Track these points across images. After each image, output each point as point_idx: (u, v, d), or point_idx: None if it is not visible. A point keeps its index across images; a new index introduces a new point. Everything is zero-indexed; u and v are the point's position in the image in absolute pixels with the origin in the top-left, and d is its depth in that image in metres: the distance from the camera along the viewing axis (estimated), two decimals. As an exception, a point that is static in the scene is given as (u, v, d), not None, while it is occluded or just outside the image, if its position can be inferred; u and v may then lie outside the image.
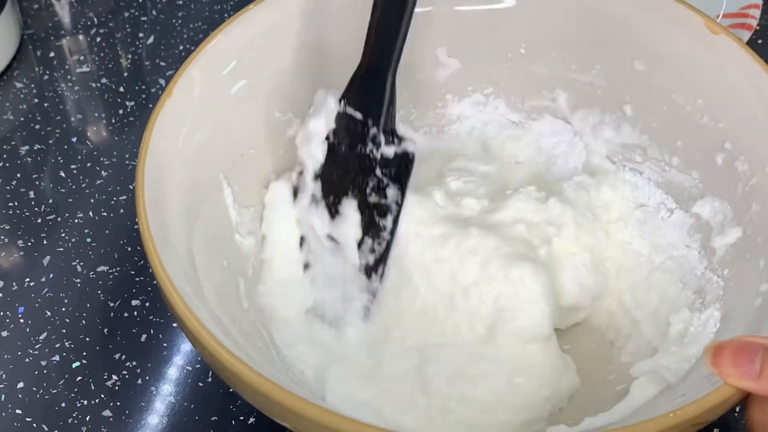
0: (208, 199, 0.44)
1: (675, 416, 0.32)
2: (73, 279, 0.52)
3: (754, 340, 0.33)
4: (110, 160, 0.59)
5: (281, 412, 0.33)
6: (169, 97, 0.42)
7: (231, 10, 0.69)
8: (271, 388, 0.32)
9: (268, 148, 0.49)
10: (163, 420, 0.47)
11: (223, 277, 0.43)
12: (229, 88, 0.46)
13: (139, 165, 0.40)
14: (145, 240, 0.37)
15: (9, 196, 0.57)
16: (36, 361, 0.49)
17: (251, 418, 0.47)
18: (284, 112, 0.49)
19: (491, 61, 0.52)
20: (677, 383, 0.38)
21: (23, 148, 0.60)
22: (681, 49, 0.46)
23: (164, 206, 0.39)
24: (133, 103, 0.63)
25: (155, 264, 0.36)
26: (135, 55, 0.66)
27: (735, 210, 0.44)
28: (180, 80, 0.43)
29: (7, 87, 0.63)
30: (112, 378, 0.48)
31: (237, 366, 0.33)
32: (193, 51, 0.44)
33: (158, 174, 0.40)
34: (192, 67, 0.44)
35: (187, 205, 0.41)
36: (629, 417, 0.38)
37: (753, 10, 0.63)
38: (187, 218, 0.41)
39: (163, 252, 0.37)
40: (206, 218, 0.43)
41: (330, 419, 0.31)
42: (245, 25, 0.46)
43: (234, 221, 0.46)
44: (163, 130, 0.41)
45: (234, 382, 0.34)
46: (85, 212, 0.56)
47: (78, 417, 0.47)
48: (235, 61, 0.46)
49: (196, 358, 0.49)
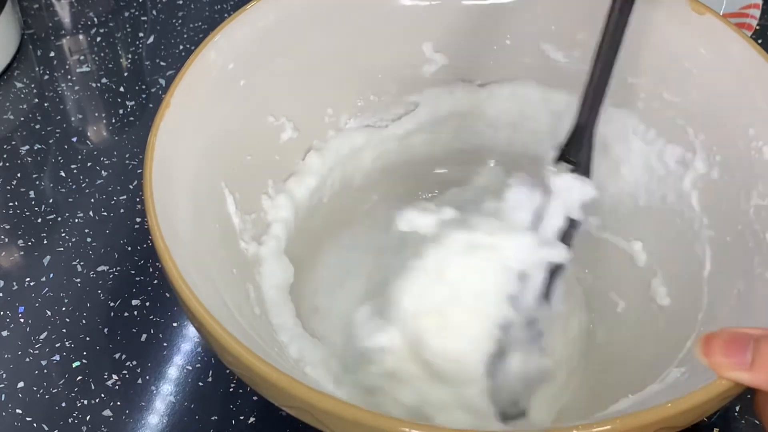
0: (212, 207, 0.44)
1: (661, 410, 0.32)
2: (74, 279, 0.52)
3: (744, 330, 0.33)
4: (110, 160, 0.59)
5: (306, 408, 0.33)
6: (168, 108, 0.42)
7: (231, 10, 0.69)
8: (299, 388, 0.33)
9: (265, 154, 0.48)
10: (163, 420, 0.47)
11: (235, 285, 0.43)
12: (224, 94, 0.46)
13: (146, 177, 0.39)
14: (163, 255, 0.36)
15: (9, 196, 0.57)
16: (36, 361, 0.49)
17: (251, 418, 0.47)
18: (277, 116, 0.49)
19: (478, 56, 0.52)
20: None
21: (23, 148, 0.60)
22: (666, 30, 0.46)
23: (173, 216, 0.39)
24: (133, 103, 0.63)
25: (174, 275, 0.36)
26: (135, 55, 0.66)
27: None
28: (177, 89, 0.43)
29: (7, 87, 0.63)
30: (112, 378, 0.48)
31: (271, 374, 0.33)
32: (191, 52, 0.44)
33: (166, 183, 0.40)
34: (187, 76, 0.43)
35: (194, 215, 0.41)
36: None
37: (753, 10, 0.63)
38: (194, 228, 0.41)
39: (180, 262, 0.36)
40: (212, 227, 0.43)
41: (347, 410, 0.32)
42: (243, 24, 0.46)
43: (238, 228, 0.46)
44: (165, 140, 0.41)
45: (264, 387, 0.34)
46: (85, 212, 0.56)
47: (78, 417, 0.47)
48: (232, 64, 0.46)
49: (197, 357, 0.49)
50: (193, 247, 0.39)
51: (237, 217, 0.46)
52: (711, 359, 0.32)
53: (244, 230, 0.46)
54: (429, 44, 0.51)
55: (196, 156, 0.43)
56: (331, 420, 0.32)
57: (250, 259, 0.46)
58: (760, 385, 0.32)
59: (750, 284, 0.40)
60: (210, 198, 0.44)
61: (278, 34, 0.47)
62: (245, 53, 0.46)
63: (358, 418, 0.32)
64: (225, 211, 0.45)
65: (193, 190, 0.42)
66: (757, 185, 0.42)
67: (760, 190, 0.42)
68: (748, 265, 0.41)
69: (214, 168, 0.44)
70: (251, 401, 0.47)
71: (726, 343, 0.33)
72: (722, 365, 0.32)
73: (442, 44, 0.51)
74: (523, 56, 0.51)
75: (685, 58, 0.46)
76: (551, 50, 0.50)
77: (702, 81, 0.45)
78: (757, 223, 0.42)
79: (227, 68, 0.45)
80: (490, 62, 0.52)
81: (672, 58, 0.46)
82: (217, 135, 0.45)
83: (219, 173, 0.45)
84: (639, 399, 0.38)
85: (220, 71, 0.45)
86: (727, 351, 0.32)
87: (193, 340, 0.50)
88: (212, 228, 0.43)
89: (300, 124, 0.50)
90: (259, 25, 0.46)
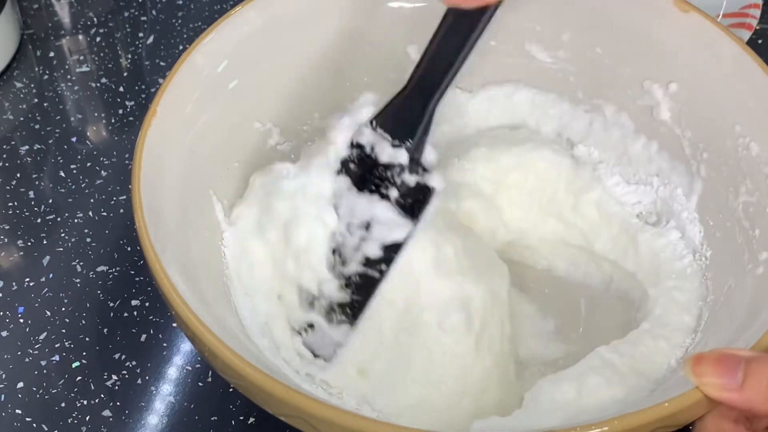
0: (201, 216, 0.44)
1: (642, 415, 0.32)
2: (73, 279, 0.52)
3: (734, 351, 0.33)
4: (110, 160, 0.59)
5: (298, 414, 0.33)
6: (154, 116, 0.41)
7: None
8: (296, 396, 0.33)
9: (251, 160, 0.48)
10: (162, 420, 0.47)
11: (224, 293, 0.43)
12: (211, 100, 0.45)
13: (134, 187, 0.39)
14: (153, 265, 0.37)
15: (9, 196, 0.57)
16: (36, 361, 0.49)
17: (251, 418, 0.47)
18: (264, 122, 0.49)
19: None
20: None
21: (23, 148, 0.60)
22: (652, 30, 0.46)
23: (162, 224, 0.39)
24: (132, 103, 0.63)
25: (165, 285, 0.36)
26: (135, 55, 0.66)
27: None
28: (163, 97, 0.42)
29: (7, 87, 0.63)
30: (112, 378, 0.48)
31: (262, 379, 0.33)
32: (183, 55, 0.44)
33: (154, 193, 0.40)
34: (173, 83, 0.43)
35: (183, 223, 0.41)
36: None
37: (753, 10, 0.63)
38: (184, 234, 0.41)
39: (170, 272, 0.36)
40: (201, 235, 0.43)
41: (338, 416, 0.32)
42: (235, 25, 0.46)
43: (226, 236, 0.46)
44: (152, 147, 0.41)
45: (258, 395, 0.34)
46: (85, 212, 0.56)
47: (78, 417, 0.47)
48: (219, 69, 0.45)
49: (196, 358, 0.49)
50: (182, 256, 0.39)
51: (226, 225, 0.45)
52: (700, 379, 0.32)
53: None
54: (414, 47, 0.50)
55: (183, 164, 0.43)
56: (326, 427, 0.32)
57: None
58: (750, 407, 0.32)
59: (740, 280, 0.40)
60: (198, 206, 0.44)
61: (264, 39, 0.47)
62: (231, 58, 0.46)
63: (352, 424, 0.32)
64: (214, 218, 0.45)
65: (181, 199, 0.42)
66: (746, 182, 0.42)
67: (748, 186, 0.42)
68: (738, 261, 0.41)
69: (202, 176, 0.44)
70: (251, 401, 0.47)
71: (716, 363, 0.32)
72: (713, 386, 0.32)
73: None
74: (508, 57, 0.51)
75: (671, 55, 0.46)
76: (537, 51, 0.50)
77: (688, 78, 0.46)
78: (746, 220, 0.42)
79: (214, 73, 0.45)
80: (475, 64, 0.52)
81: (658, 56, 0.46)
82: (204, 142, 0.45)
83: (206, 181, 0.45)
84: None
85: (206, 77, 0.45)
86: (716, 371, 0.32)
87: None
88: (202, 237, 0.43)
89: (287, 129, 0.50)
90: (245, 29, 0.46)
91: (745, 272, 0.40)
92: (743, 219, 0.42)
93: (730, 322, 0.39)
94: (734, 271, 0.41)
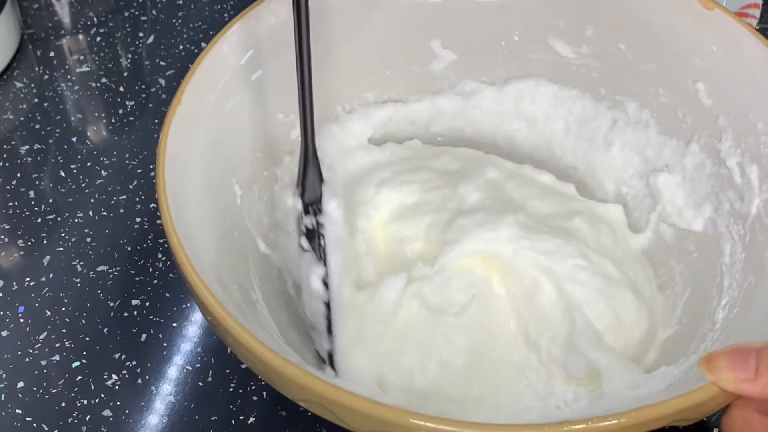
0: (228, 209, 0.44)
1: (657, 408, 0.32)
2: (73, 279, 0.52)
3: (746, 344, 0.33)
4: (110, 160, 0.59)
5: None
6: (179, 105, 0.42)
7: (231, 9, 0.69)
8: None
9: (274, 151, 0.48)
10: (163, 420, 0.47)
11: (247, 281, 0.43)
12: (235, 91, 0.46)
13: (158, 176, 0.39)
14: (178, 252, 0.36)
15: (9, 196, 0.57)
16: (36, 361, 0.49)
17: (251, 418, 0.47)
18: (287, 113, 0.49)
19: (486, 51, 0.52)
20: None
21: (23, 148, 0.60)
22: (676, 27, 0.46)
23: (187, 216, 0.39)
24: (133, 102, 0.63)
25: (188, 271, 0.36)
26: (135, 55, 0.66)
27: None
28: (188, 86, 0.43)
29: (7, 87, 0.63)
30: (112, 378, 0.48)
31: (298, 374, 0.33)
32: (198, 50, 0.44)
33: (178, 182, 0.40)
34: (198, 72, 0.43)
35: (204, 211, 0.41)
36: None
37: (753, 10, 0.63)
38: (212, 232, 0.41)
39: (194, 259, 0.36)
40: (230, 233, 0.43)
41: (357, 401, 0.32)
42: (260, 16, 0.46)
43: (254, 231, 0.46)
44: (176, 135, 0.41)
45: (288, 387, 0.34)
46: (85, 212, 0.56)
47: (78, 417, 0.47)
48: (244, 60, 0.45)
49: (196, 357, 0.49)
50: (205, 244, 0.39)
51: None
52: (716, 375, 0.33)
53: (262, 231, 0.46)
54: (437, 41, 0.51)
55: (206, 152, 0.43)
56: (344, 412, 0.32)
57: (262, 256, 0.46)
58: (765, 394, 0.32)
59: (760, 277, 0.40)
60: (221, 196, 0.44)
61: (289, 31, 0.47)
62: (256, 49, 0.46)
63: (370, 410, 0.32)
64: (237, 208, 0.45)
65: (203, 188, 0.42)
66: (766, 179, 0.42)
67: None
68: (759, 258, 0.41)
69: (224, 165, 0.44)
70: (251, 401, 0.47)
71: (728, 357, 0.33)
72: (728, 381, 0.33)
73: (450, 41, 0.52)
74: (532, 52, 0.51)
75: (694, 53, 0.46)
76: (560, 46, 0.50)
77: (710, 76, 0.46)
78: (767, 217, 0.42)
79: (238, 64, 0.45)
80: (499, 58, 0.52)
81: (682, 53, 0.46)
82: (227, 132, 0.45)
83: (229, 170, 0.45)
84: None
85: (231, 67, 0.45)
86: (729, 365, 0.33)
87: (192, 340, 0.50)
88: (225, 225, 0.43)
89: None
90: (270, 21, 0.46)
91: (766, 270, 0.40)
92: (764, 216, 0.42)
93: (749, 319, 0.39)
94: (755, 268, 0.41)
